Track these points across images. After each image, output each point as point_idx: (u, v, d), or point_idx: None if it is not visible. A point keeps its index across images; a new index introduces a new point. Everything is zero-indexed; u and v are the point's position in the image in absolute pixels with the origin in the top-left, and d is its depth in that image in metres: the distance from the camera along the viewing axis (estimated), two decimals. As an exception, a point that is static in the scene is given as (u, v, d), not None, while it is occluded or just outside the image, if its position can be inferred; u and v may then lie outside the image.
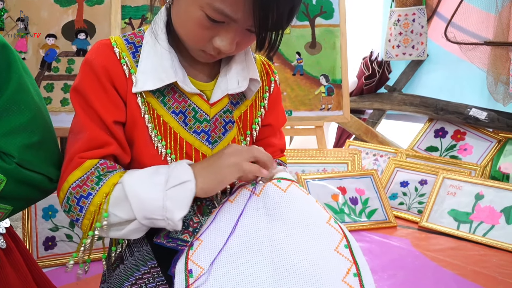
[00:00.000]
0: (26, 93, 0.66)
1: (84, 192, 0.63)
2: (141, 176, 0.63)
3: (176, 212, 0.60)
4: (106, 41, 0.70)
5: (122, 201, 0.62)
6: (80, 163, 0.64)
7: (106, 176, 0.64)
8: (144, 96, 0.69)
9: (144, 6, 1.79)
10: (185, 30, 0.65)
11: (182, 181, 0.61)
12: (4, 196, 0.63)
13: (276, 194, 0.64)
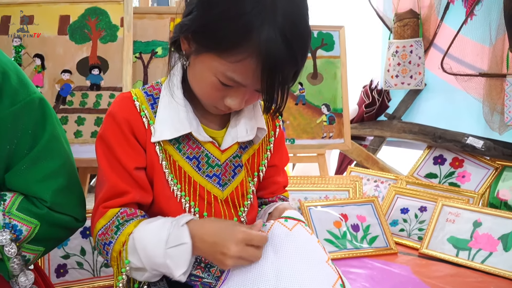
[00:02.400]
0: (58, 142, 0.73)
1: (107, 240, 0.71)
2: (148, 231, 0.70)
3: (175, 270, 0.67)
4: (127, 94, 0.77)
5: (133, 252, 0.69)
6: (104, 212, 0.72)
7: (124, 225, 0.71)
8: (162, 144, 0.76)
9: (154, 41, 1.89)
10: (200, 89, 0.73)
11: (180, 243, 0.67)
12: (37, 238, 0.69)
13: (282, 233, 0.70)
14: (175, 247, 0.67)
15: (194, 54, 0.70)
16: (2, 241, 0.66)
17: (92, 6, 1.69)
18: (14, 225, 0.67)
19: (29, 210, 0.69)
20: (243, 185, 0.83)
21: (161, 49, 1.90)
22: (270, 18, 0.62)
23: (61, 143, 0.74)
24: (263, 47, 0.62)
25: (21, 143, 0.68)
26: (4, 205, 0.68)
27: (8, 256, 0.67)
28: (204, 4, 0.67)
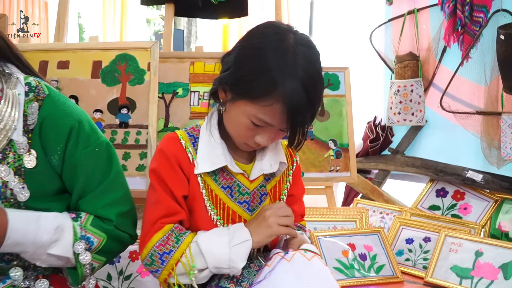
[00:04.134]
0: (121, 177, 0.88)
1: (167, 249, 0.85)
2: (210, 237, 0.86)
3: (239, 263, 0.83)
4: (174, 135, 0.94)
5: (198, 256, 0.85)
6: (161, 227, 0.87)
7: (182, 236, 0.87)
8: (202, 175, 0.91)
9: (175, 83, 2.07)
10: (234, 130, 0.89)
11: (243, 240, 0.84)
12: (103, 250, 0.83)
13: (302, 261, 0.84)
14: (239, 244, 0.84)
15: (230, 102, 0.86)
16: (78, 249, 0.79)
17: (122, 53, 1.87)
18: (88, 237, 0.81)
19: (100, 226, 0.83)
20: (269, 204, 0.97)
21: (181, 90, 2.07)
22: (292, 72, 0.79)
23: (123, 178, 0.89)
24: (287, 95, 0.79)
25: (93, 178, 0.84)
26: (81, 220, 0.82)
27: (82, 263, 0.80)
28: (238, 63, 0.84)
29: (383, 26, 2.78)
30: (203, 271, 0.86)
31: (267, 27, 0.86)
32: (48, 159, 0.81)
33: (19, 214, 0.75)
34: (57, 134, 0.80)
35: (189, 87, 2.05)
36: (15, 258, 0.81)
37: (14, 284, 0.80)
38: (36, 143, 0.80)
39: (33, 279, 0.82)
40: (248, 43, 0.86)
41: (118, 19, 4.97)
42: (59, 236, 0.78)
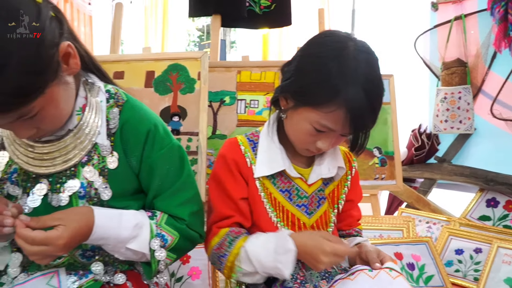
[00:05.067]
0: (192, 177, 0.93)
1: (222, 253, 0.91)
2: (258, 243, 0.90)
3: (285, 271, 0.85)
4: (234, 140, 0.98)
5: (247, 261, 0.89)
6: (217, 232, 0.93)
7: (234, 241, 0.91)
8: (261, 179, 0.94)
9: (223, 91, 2.12)
10: (295, 136, 0.92)
11: (287, 250, 0.86)
12: (175, 248, 0.88)
13: (387, 280, 0.84)
14: (283, 254, 0.86)
15: (292, 109, 0.89)
16: (154, 246, 0.84)
17: (173, 63, 1.94)
18: (163, 235, 0.86)
19: (173, 225, 0.88)
20: (326, 214, 0.99)
21: (228, 98, 2.12)
22: (354, 79, 0.81)
23: (193, 178, 0.94)
24: (350, 101, 0.81)
25: (167, 178, 0.88)
26: (156, 219, 0.87)
27: (158, 259, 0.85)
28: (299, 72, 0.88)
29: (428, 33, 2.75)
30: (256, 274, 0.90)
31: (327, 36, 0.89)
32: (128, 160, 0.86)
33: (104, 212, 0.81)
34: (136, 136, 0.86)
35: (236, 96, 2.10)
36: (96, 254, 0.87)
37: (96, 279, 0.85)
38: (117, 146, 0.86)
39: (112, 274, 0.87)
40: (308, 52, 0.89)
41: (160, 31, 5.14)
42: (137, 233, 0.83)
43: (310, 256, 0.86)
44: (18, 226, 0.72)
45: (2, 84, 0.62)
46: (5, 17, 0.61)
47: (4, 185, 0.82)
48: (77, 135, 0.82)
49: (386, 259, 0.89)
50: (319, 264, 0.85)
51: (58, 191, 0.82)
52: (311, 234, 0.90)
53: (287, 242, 0.87)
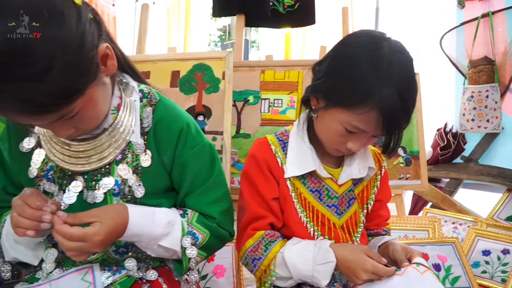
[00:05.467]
0: (222, 176, 0.94)
1: (257, 256, 0.92)
2: (296, 250, 0.90)
3: (322, 281, 0.87)
4: (264, 139, 0.98)
5: (283, 266, 0.90)
6: (252, 234, 0.94)
7: (270, 245, 0.92)
8: (291, 179, 0.95)
9: (246, 91, 2.13)
10: (326, 136, 0.92)
11: (327, 261, 0.87)
12: (205, 246, 0.89)
13: (415, 275, 0.84)
14: (323, 264, 0.87)
15: (323, 109, 0.89)
16: (186, 244, 0.85)
17: (198, 63, 1.96)
18: (194, 233, 0.87)
19: (204, 223, 0.89)
20: (356, 214, 0.99)
21: (252, 98, 2.13)
22: (388, 80, 0.80)
23: (224, 176, 0.95)
24: (383, 103, 0.80)
25: (198, 176, 0.90)
26: (187, 217, 0.89)
27: (189, 257, 0.86)
28: (331, 72, 0.87)
29: (454, 30, 2.70)
30: (289, 279, 0.91)
31: (361, 36, 0.88)
32: (161, 159, 0.88)
33: (137, 209, 0.83)
34: (169, 135, 0.87)
35: (259, 95, 2.11)
36: (129, 250, 0.88)
37: (129, 274, 0.87)
38: (151, 144, 0.87)
39: (144, 270, 0.89)
40: (341, 52, 0.88)
41: (182, 31, 5.19)
42: (169, 230, 0.85)
43: (349, 270, 0.86)
44: (56, 222, 0.74)
45: (47, 86, 0.63)
46: (50, 20, 0.63)
47: (40, 182, 0.85)
48: (112, 133, 0.84)
49: (415, 254, 0.89)
50: (358, 280, 0.85)
51: (93, 188, 0.84)
52: (352, 248, 0.90)
53: (328, 253, 0.88)
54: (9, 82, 0.61)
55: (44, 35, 0.62)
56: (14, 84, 0.61)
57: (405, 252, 0.90)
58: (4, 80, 0.61)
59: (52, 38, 0.63)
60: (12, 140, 0.87)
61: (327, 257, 0.87)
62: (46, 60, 0.62)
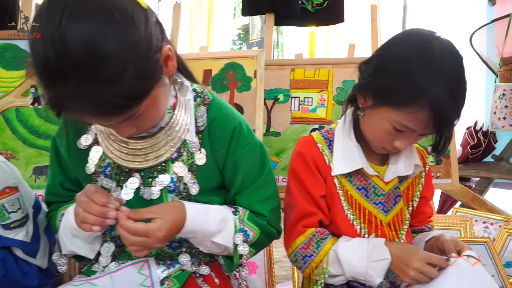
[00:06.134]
0: (272, 174, 0.96)
1: (308, 253, 0.93)
2: (349, 248, 0.92)
3: (376, 279, 0.88)
4: (310, 138, 0.99)
5: (335, 263, 0.91)
6: (303, 231, 0.95)
7: (322, 242, 0.94)
8: (338, 177, 0.96)
9: (276, 89, 2.15)
10: (373, 134, 0.92)
11: (382, 258, 0.87)
12: (255, 243, 0.91)
13: (466, 266, 0.84)
14: (377, 261, 0.88)
15: (370, 108, 0.90)
16: (237, 241, 0.87)
17: (230, 61, 1.98)
18: (245, 230, 0.89)
19: (255, 221, 0.91)
20: (401, 212, 0.99)
21: (282, 96, 2.14)
22: (440, 79, 0.80)
23: (273, 175, 0.96)
24: (435, 102, 0.80)
25: (250, 175, 0.91)
26: (239, 214, 0.91)
27: (241, 253, 0.88)
28: (380, 71, 0.87)
29: (484, 28, 2.66)
30: (339, 276, 0.92)
31: (411, 35, 0.88)
32: (214, 157, 0.90)
33: (194, 206, 0.85)
34: (223, 134, 0.89)
35: (289, 93, 2.12)
36: (182, 245, 0.91)
37: (182, 268, 0.89)
38: (205, 143, 0.89)
39: (196, 265, 0.91)
40: (391, 52, 0.88)
41: (205, 30, 5.23)
42: (223, 227, 0.86)
43: (401, 261, 0.86)
44: (121, 218, 0.76)
45: (121, 89, 0.65)
46: (122, 24, 0.65)
47: (97, 178, 0.88)
48: (168, 132, 0.86)
49: (465, 248, 0.89)
50: (410, 270, 0.84)
51: (150, 185, 0.86)
52: (405, 244, 0.92)
53: (384, 251, 0.89)
54: (87, 85, 0.64)
55: (119, 39, 0.64)
56: (91, 88, 0.64)
57: (455, 245, 0.90)
58: (82, 83, 0.63)
59: (125, 42, 0.65)
60: (70, 137, 0.91)
61: (382, 254, 0.88)
62: (121, 63, 0.64)
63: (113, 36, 0.64)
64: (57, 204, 0.96)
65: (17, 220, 0.93)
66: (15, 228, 0.92)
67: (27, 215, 0.95)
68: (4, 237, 0.91)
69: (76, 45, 0.61)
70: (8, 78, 1.60)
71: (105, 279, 0.83)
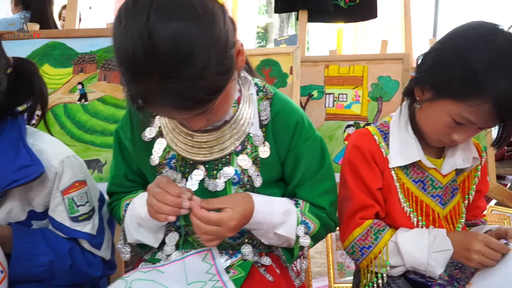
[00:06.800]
0: (332, 168, 0.96)
1: (366, 244, 0.95)
2: (409, 238, 0.93)
3: (437, 270, 0.89)
4: (366, 131, 1.00)
5: (395, 254, 0.93)
6: (360, 223, 0.97)
7: (380, 234, 0.95)
8: (395, 169, 0.97)
9: (310, 85, 2.15)
10: (430, 127, 0.93)
11: (444, 249, 0.89)
12: (315, 236, 0.92)
13: None
14: (439, 252, 0.89)
15: (429, 101, 0.90)
16: (299, 233, 0.89)
17: (266, 58, 1.99)
18: (307, 222, 0.90)
19: (316, 213, 0.92)
20: (459, 205, 1.00)
21: (316, 92, 2.14)
22: (504, 72, 0.81)
23: (333, 169, 0.97)
24: (499, 96, 0.80)
25: (310, 168, 0.93)
26: (300, 206, 0.92)
27: (302, 245, 0.90)
28: (441, 63, 0.88)
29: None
30: (399, 267, 0.93)
31: (474, 27, 0.88)
32: (277, 150, 0.91)
33: (260, 198, 0.87)
34: (286, 128, 0.91)
35: (323, 89, 2.12)
36: (242, 236, 0.93)
37: (244, 258, 0.92)
38: (269, 136, 0.91)
39: (257, 255, 0.93)
40: (452, 45, 0.88)
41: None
42: (286, 219, 0.88)
43: (462, 247, 0.88)
44: (194, 208, 0.79)
45: (203, 84, 0.67)
46: (205, 20, 0.67)
47: (162, 170, 0.90)
48: (233, 125, 0.88)
49: None
50: (472, 254, 0.86)
51: (215, 177, 0.89)
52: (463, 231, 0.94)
53: (446, 241, 0.90)
54: (173, 80, 0.66)
55: (203, 35, 0.66)
56: (177, 83, 0.66)
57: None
58: (169, 78, 0.65)
59: (208, 38, 0.67)
60: (134, 130, 0.93)
61: (444, 245, 0.89)
62: (205, 59, 0.66)
63: (198, 33, 0.66)
64: (119, 194, 0.99)
65: (85, 213, 0.96)
66: (83, 221, 0.96)
67: (93, 208, 0.98)
68: (72, 229, 0.94)
69: (164, 41, 0.64)
70: (56, 75, 1.65)
71: (175, 265, 0.86)
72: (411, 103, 0.97)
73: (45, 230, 0.95)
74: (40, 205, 0.94)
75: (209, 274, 0.84)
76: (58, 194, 0.93)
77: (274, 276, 0.90)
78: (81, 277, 0.97)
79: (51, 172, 0.92)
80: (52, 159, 0.92)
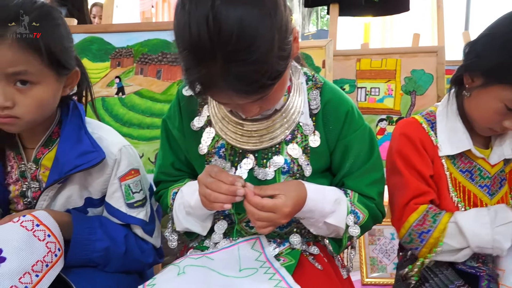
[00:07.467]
0: (380, 159, 0.96)
1: (425, 229, 0.93)
2: (470, 217, 0.92)
3: (504, 243, 0.88)
4: (413, 119, 1.01)
5: (456, 235, 0.91)
6: (415, 208, 0.95)
7: (438, 217, 0.94)
8: (444, 158, 0.96)
9: (342, 79, 2.15)
10: (481, 115, 0.92)
11: (508, 221, 0.88)
12: (363, 225, 0.92)
13: None
14: (503, 225, 0.88)
15: (480, 87, 0.89)
16: (349, 222, 0.89)
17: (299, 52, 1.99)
18: (356, 212, 0.90)
19: (364, 203, 0.93)
20: (506, 196, 0.99)
21: (348, 86, 2.14)
22: None
23: (381, 160, 0.97)
24: None
25: (359, 158, 0.93)
26: (349, 196, 0.92)
27: (351, 235, 0.90)
28: (492, 50, 0.87)
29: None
30: (462, 250, 0.92)
31: None
32: (327, 140, 0.92)
33: (312, 186, 0.87)
34: (336, 117, 0.91)
35: (355, 83, 2.11)
36: (290, 225, 0.94)
37: (292, 247, 0.93)
38: (319, 125, 0.91)
39: (305, 244, 0.94)
40: (502, 30, 0.87)
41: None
42: (336, 208, 0.88)
43: None
44: (249, 194, 0.80)
45: (267, 68, 0.68)
46: (268, 6, 0.68)
47: (211, 158, 0.92)
48: (284, 114, 0.89)
49: None
50: None
51: (265, 166, 0.90)
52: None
53: (508, 213, 0.89)
54: (238, 64, 0.66)
55: (267, 19, 0.67)
56: (242, 67, 0.66)
57: None
58: (234, 63, 0.66)
59: (272, 22, 0.68)
60: (183, 119, 0.95)
61: (507, 217, 0.89)
62: (269, 43, 0.67)
63: (263, 17, 0.67)
64: (166, 183, 1.01)
65: (139, 200, 0.98)
66: (138, 207, 0.98)
67: (146, 196, 1.01)
68: (128, 215, 0.97)
69: (230, 26, 0.64)
70: (94, 70, 1.68)
71: (225, 252, 0.88)
72: (459, 91, 0.97)
73: (101, 217, 0.98)
74: (98, 192, 0.97)
75: (259, 262, 0.86)
76: (116, 180, 0.96)
77: (322, 265, 0.90)
78: (133, 264, 0.99)
79: (111, 159, 0.94)
80: (111, 146, 0.95)
